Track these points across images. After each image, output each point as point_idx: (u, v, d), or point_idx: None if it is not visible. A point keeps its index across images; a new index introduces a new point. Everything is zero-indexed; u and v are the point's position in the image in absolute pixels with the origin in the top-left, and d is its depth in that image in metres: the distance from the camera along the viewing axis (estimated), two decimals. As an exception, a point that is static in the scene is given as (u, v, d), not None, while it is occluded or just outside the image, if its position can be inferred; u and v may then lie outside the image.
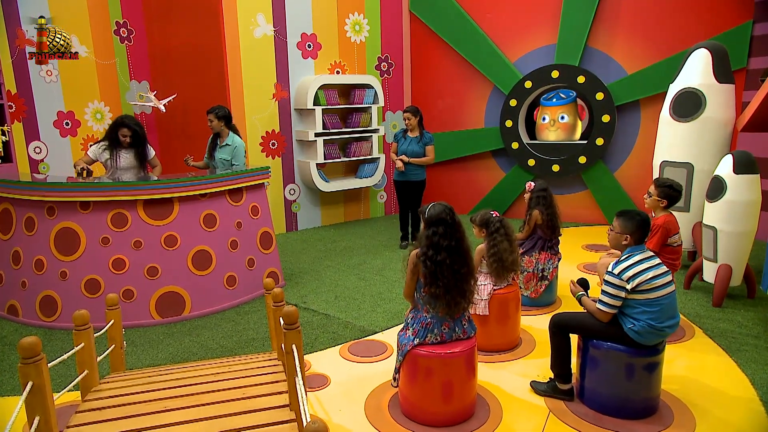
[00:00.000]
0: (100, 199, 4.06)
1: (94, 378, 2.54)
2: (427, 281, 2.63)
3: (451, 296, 2.61)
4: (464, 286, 2.64)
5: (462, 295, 2.64)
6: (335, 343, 3.76)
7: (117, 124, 4.71)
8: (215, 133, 5.09)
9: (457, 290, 2.62)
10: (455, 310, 2.66)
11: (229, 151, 5.00)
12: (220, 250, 4.45)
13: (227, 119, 5.01)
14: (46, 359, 1.92)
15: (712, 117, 4.68)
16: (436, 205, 2.68)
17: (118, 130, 4.67)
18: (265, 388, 2.38)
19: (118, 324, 2.90)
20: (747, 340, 3.62)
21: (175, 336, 3.99)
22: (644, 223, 2.65)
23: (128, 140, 4.71)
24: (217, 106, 4.97)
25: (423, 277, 2.64)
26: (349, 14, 7.14)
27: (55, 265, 4.11)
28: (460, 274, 2.62)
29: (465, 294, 2.65)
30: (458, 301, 2.64)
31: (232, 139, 5.03)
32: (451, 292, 2.61)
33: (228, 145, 5.01)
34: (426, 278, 2.63)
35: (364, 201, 7.85)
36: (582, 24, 6.64)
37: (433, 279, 2.60)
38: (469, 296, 2.67)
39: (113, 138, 4.69)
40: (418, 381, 2.75)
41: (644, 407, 2.76)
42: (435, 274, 2.59)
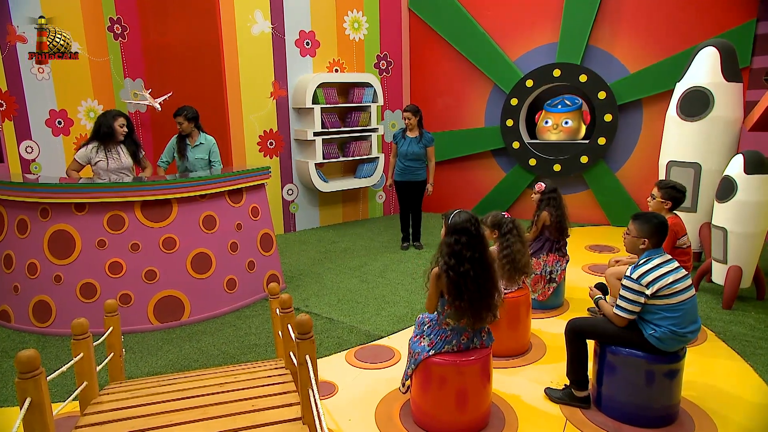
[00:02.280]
0: (96, 200, 3.92)
1: (94, 389, 2.42)
2: (451, 294, 2.51)
3: (475, 310, 2.51)
4: (489, 300, 2.54)
5: (487, 309, 2.54)
6: (341, 349, 3.65)
7: (111, 115, 4.47)
8: (182, 135, 4.98)
9: (482, 304, 2.52)
10: (479, 324, 2.57)
11: (205, 150, 4.95)
12: (220, 252, 4.33)
13: (196, 119, 4.95)
14: (45, 373, 1.80)
15: (721, 116, 4.62)
16: (462, 212, 2.56)
17: (113, 122, 4.42)
18: (275, 400, 2.27)
19: (117, 331, 2.78)
20: (761, 344, 3.55)
21: (175, 342, 3.86)
22: (662, 226, 2.57)
23: (125, 131, 4.50)
24: (185, 107, 4.87)
25: (446, 289, 2.52)
26: (347, 11, 7.03)
27: (49, 269, 3.97)
28: (484, 288, 2.51)
29: (491, 308, 2.55)
30: (483, 315, 2.54)
31: (204, 138, 4.99)
32: (475, 305, 2.50)
33: (202, 144, 4.96)
34: (450, 290, 2.51)
35: (362, 201, 7.74)
36: (584, 22, 6.57)
37: (457, 292, 2.49)
38: (494, 311, 2.57)
39: (107, 134, 4.43)
40: (431, 389, 2.65)
41: (664, 415, 2.68)
42: (459, 286, 2.48)
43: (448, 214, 2.63)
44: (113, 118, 4.45)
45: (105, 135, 4.43)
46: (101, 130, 4.43)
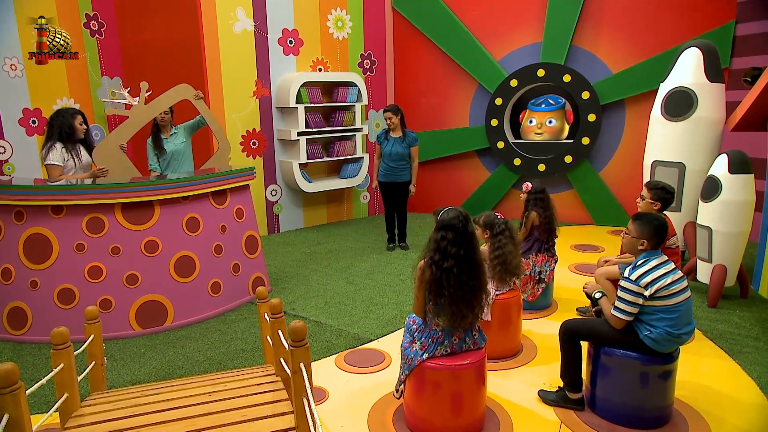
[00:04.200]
0: (74, 202, 3.77)
1: (75, 401, 2.31)
2: (432, 289, 2.48)
3: (456, 307, 2.46)
4: (472, 299, 2.49)
5: (469, 309, 2.49)
6: (330, 353, 3.58)
7: (69, 114, 4.30)
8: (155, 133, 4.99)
9: (464, 302, 2.46)
10: (461, 323, 2.52)
11: (182, 133, 5.07)
12: (204, 255, 4.22)
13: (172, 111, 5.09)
14: (24, 387, 1.70)
15: (704, 116, 4.66)
16: (451, 209, 2.53)
17: (72, 121, 4.27)
18: (266, 409, 2.19)
19: (98, 339, 2.67)
20: (747, 342, 3.59)
21: (158, 348, 3.74)
22: (662, 228, 2.56)
23: (85, 128, 4.37)
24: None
25: (428, 285, 2.49)
26: (331, 10, 6.94)
27: (25, 274, 3.82)
28: (468, 285, 2.47)
29: (473, 308, 2.51)
30: (465, 314, 2.49)
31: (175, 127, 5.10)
32: (457, 303, 2.46)
33: (176, 132, 5.06)
34: (431, 286, 2.48)
35: (347, 202, 7.67)
36: (567, 22, 6.60)
37: (438, 287, 2.45)
38: (477, 311, 2.53)
39: (69, 133, 4.26)
40: (425, 394, 2.60)
41: (658, 416, 2.67)
42: (440, 281, 2.45)
43: (438, 210, 2.60)
44: (72, 116, 4.31)
45: (67, 135, 4.28)
46: (62, 130, 4.26)
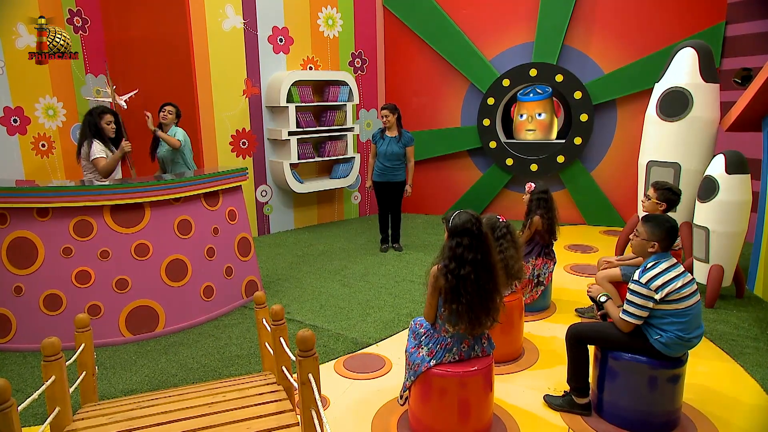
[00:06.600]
0: (61, 204, 3.63)
1: (68, 415, 2.21)
2: (447, 297, 2.40)
3: (474, 314, 2.40)
4: (489, 303, 2.43)
5: (486, 313, 2.43)
6: (328, 358, 3.49)
7: (96, 113, 4.31)
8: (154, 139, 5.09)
9: (481, 308, 2.40)
10: (478, 330, 2.46)
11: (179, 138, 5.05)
12: (196, 258, 4.10)
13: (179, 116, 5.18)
14: (16, 405, 1.60)
15: (699, 116, 4.66)
16: (462, 213, 2.45)
17: (99, 120, 4.28)
18: (270, 421, 2.11)
19: (89, 348, 2.56)
20: (747, 343, 3.58)
21: (150, 355, 3.62)
22: (673, 230, 2.51)
23: (113, 128, 4.36)
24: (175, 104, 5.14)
25: (444, 292, 2.42)
26: (321, 8, 6.84)
27: (8, 280, 3.67)
28: (485, 290, 2.40)
29: (489, 312, 2.44)
30: (482, 320, 2.43)
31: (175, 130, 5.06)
32: (475, 310, 2.39)
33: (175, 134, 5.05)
34: (447, 294, 2.40)
35: (338, 202, 7.57)
36: (559, 22, 6.58)
37: (454, 295, 2.38)
38: (493, 314, 2.47)
39: (94, 133, 4.28)
40: (431, 400, 2.54)
41: (666, 421, 2.64)
42: (457, 289, 2.37)
43: (448, 216, 2.52)
44: (98, 116, 4.32)
45: (94, 134, 4.30)
46: (91, 129, 4.30)
